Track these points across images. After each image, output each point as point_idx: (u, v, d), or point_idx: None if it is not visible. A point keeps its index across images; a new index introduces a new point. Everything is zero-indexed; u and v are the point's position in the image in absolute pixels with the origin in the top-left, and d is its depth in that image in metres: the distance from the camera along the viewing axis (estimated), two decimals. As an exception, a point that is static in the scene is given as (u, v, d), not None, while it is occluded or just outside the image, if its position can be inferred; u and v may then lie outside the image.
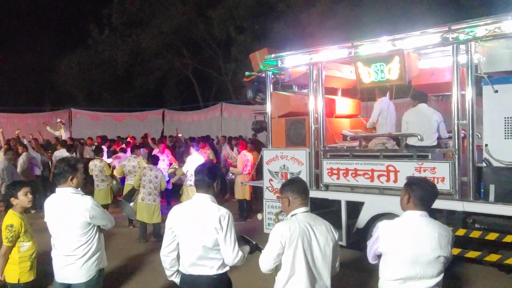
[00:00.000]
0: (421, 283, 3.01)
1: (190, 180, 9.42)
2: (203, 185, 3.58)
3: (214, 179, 3.62)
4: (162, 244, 3.65)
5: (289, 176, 7.71)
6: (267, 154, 8.19)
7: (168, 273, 3.68)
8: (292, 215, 3.31)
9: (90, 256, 3.95)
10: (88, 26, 23.96)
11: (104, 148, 13.13)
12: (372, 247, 3.25)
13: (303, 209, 3.31)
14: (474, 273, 6.48)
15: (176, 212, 3.60)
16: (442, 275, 3.04)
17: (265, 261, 3.27)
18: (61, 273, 3.98)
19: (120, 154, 12.23)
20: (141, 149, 11.43)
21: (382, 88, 7.81)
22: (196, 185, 3.62)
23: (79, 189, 4.05)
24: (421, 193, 3.11)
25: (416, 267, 3.01)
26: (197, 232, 3.45)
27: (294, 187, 3.36)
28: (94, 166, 10.13)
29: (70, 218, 3.88)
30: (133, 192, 8.81)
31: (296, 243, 3.15)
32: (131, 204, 8.48)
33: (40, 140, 14.82)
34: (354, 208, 7.10)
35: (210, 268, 3.46)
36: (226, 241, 3.41)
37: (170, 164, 11.87)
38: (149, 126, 21.41)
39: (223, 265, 3.49)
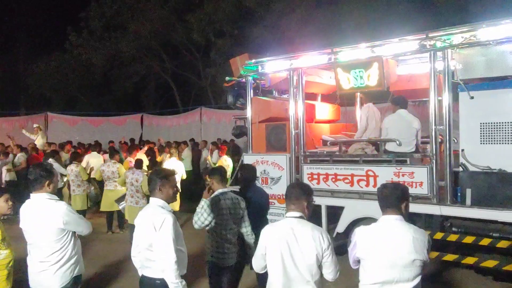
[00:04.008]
0: (398, 286, 3.06)
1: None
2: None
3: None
4: (132, 245, 3.74)
5: (269, 181, 7.74)
6: (247, 159, 8.19)
7: (139, 272, 3.76)
8: (285, 218, 3.43)
9: (64, 263, 3.89)
10: (65, 29, 23.62)
11: None
12: (351, 253, 3.33)
13: (294, 214, 3.36)
14: (451, 276, 6.59)
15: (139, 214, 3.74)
16: (419, 279, 3.07)
17: (254, 260, 3.47)
18: (35, 280, 3.94)
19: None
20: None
21: (366, 94, 7.92)
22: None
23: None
24: (386, 196, 3.23)
25: (393, 271, 3.06)
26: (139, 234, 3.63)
27: (289, 192, 3.45)
28: (71, 171, 9.97)
29: (44, 224, 3.83)
30: (125, 195, 8.81)
31: (275, 245, 3.24)
32: (121, 206, 8.55)
33: (12, 145, 14.54)
34: (335, 212, 7.15)
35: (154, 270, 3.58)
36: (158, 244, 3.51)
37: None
38: (128, 131, 21.15)
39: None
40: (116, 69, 24.42)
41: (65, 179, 10.61)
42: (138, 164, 9.00)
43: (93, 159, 11.21)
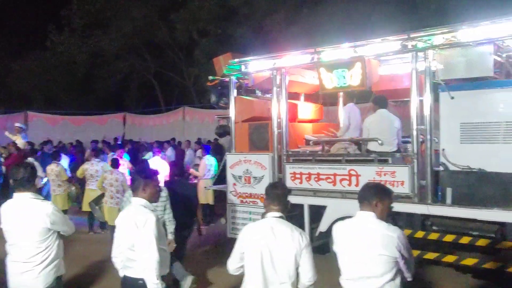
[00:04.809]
0: (370, 282, 3.08)
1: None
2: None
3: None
4: (113, 246, 3.71)
5: (252, 180, 7.73)
6: (230, 158, 8.17)
7: (120, 273, 3.73)
8: (264, 218, 3.41)
9: (49, 263, 3.83)
10: (46, 27, 23.28)
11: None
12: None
13: (274, 214, 3.36)
14: (432, 274, 6.66)
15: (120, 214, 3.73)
16: (390, 275, 3.08)
17: (230, 260, 3.41)
18: (16, 281, 3.85)
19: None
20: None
21: (349, 94, 7.96)
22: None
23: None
24: (361, 193, 3.30)
25: (365, 266, 3.10)
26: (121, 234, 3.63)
27: (270, 192, 3.46)
28: (51, 170, 9.83)
29: (30, 224, 3.76)
30: (102, 196, 8.69)
31: (254, 246, 3.23)
32: (97, 207, 8.44)
33: None
34: (317, 212, 7.17)
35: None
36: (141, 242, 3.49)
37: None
38: (110, 130, 20.96)
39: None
40: (98, 67, 24.16)
41: (44, 179, 10.46)
42: (115, 163, 8.93)
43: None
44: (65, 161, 11.63)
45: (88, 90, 26.03)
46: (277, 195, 3.43)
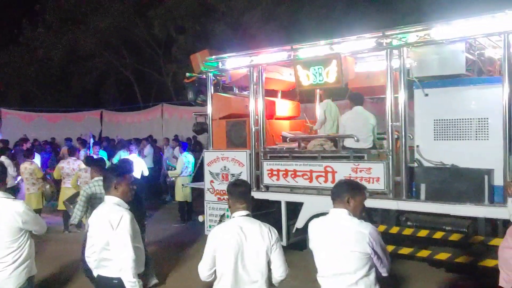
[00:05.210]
0: (344, 278, 3.10)
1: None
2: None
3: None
4: (86, 246, 3.67)
5: (230, 177, 7.71)
6: (208, 155, 8.15)
7: (94, 273, 3.67)
8: (231, 218, 3.35)
9: (20, 263, 3.77)
10: (19, 22, 22.78)
11: None
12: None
13: (241, 212, 3.33)
14: (406, 269, 6.75)
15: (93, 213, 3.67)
16: (363, 272, 3.09)
17: (201, 266, 3.32)
18: (-15, 282, 3.78)
19: None
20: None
21: (325, 91, 8.01)
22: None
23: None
24: (334, 190, 3.32)
25: (337, 263, 3.12)
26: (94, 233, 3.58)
27: (235, 191, 3.38)
28: (24, 168, 9.64)
29: (1, 223, 3.69)
30: (77, 194, 8.53)
31: (227, 246, 3.18)
32: (72, 206, 8.25)
33: None
34: (294, 208, 7.21)
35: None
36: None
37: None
38: (87, 127, 20.58)
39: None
40: (74, 64, 23.76)
41: (18, 178, 10.25)
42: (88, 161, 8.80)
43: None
44: (37, 159, 11.44)
45: (64, 87, 25.57)
46: (242, 193, 3.38)
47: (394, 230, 6.14)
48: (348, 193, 3.22)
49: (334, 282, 3.13)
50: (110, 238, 3.39)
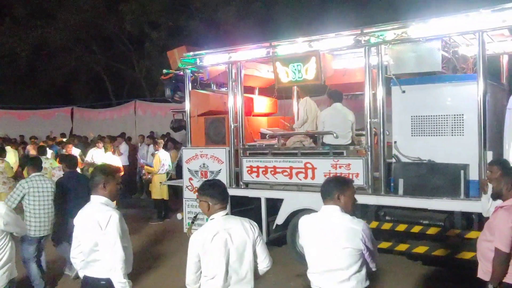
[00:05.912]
0: (336, 274, 3.12)
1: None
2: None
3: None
4: (72, 246, 3.60)
5: (209, 175, 7.69)
6: (186, 153, 8.10)
7: (80, 273, 3.62)
8: (211, 219, 3.25)
9: (2, 266, 3.69)
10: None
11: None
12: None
13: (221, 213, 3.24)
14: (384, 263, 6.87)
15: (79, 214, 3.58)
16: (356, 268, 3.13)
17: (188, 273, 3.21)
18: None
19: None
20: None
21: (303, 88, 8.05)
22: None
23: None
24: (323, 189, 3.32)
25: (329, 259, 3.13)
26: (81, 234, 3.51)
27: (214, 193, 3.24)
28: (-4, 167, 9.36)
29: None
30: None
31: (212, 251, 3.12)
32: None
33: None
34: (274, 205, 7.24)
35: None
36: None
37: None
38: (57, 125, 20.14)
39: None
40: (43, 59, 23.13)
41: None
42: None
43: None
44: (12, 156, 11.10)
45: (33, 83, 24.87)
46: (221, 192, 3.28)
47: (373, 225, 6.23)
48: (337, 189, 3.24)
49: (326, 278, 3.15)
50: (98, 238, 3.32)
